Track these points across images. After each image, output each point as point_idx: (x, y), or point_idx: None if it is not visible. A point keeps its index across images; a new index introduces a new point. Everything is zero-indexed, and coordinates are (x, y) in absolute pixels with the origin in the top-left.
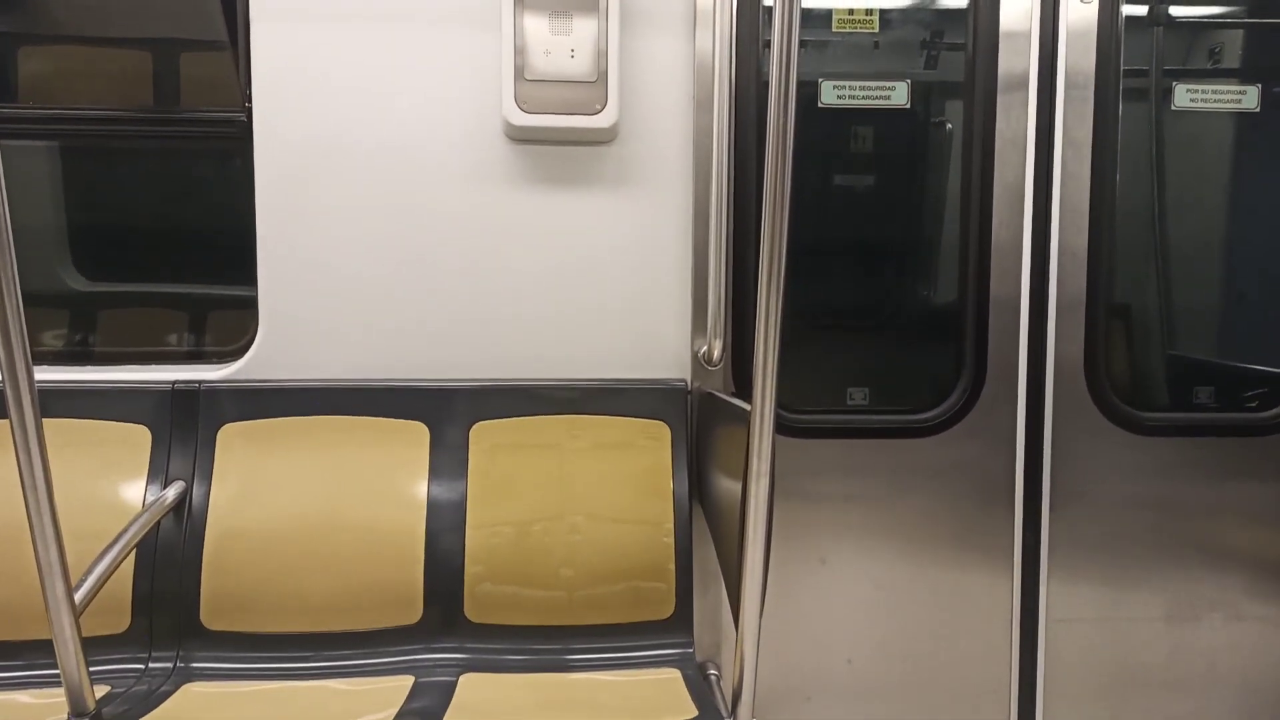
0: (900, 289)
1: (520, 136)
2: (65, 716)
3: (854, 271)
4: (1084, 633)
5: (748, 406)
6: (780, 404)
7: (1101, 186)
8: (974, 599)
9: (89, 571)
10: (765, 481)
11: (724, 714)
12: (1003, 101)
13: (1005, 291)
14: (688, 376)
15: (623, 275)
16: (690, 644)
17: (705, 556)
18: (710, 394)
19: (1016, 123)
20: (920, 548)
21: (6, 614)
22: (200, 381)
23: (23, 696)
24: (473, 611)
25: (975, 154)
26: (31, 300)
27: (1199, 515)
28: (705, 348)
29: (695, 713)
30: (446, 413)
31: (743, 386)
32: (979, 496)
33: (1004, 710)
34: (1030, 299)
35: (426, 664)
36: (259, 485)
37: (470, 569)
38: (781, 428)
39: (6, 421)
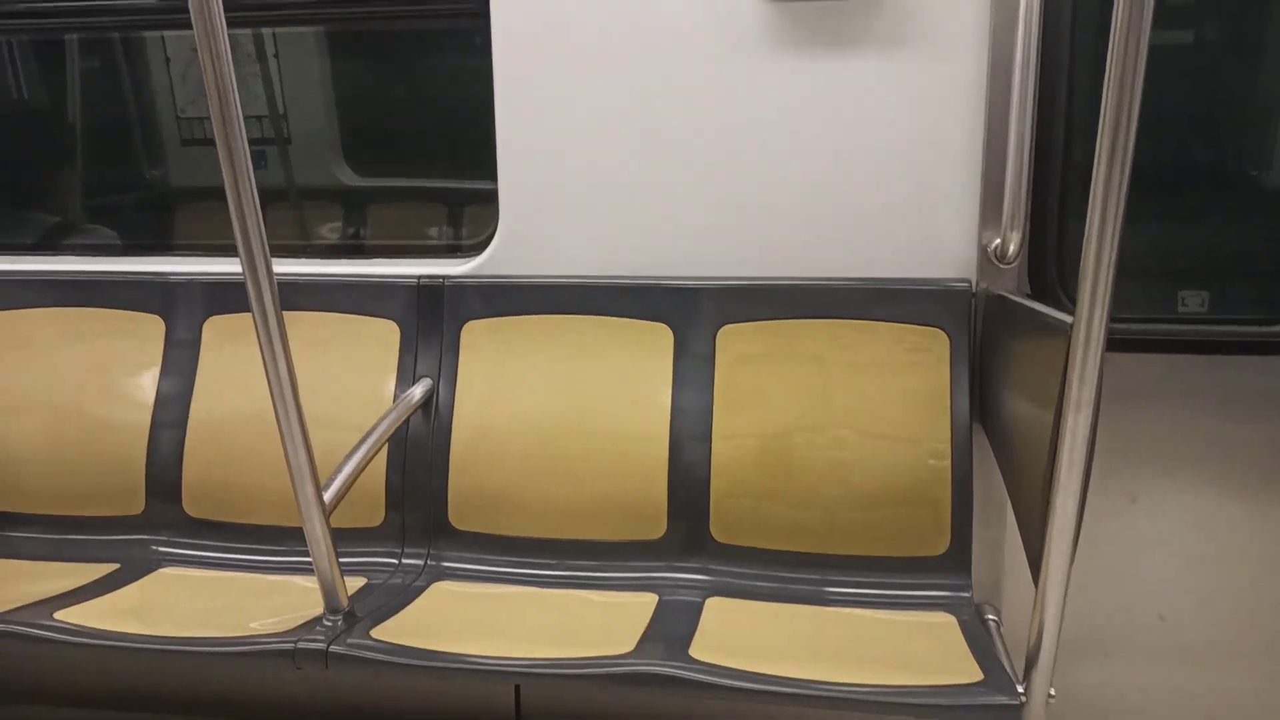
0: (1257, 159)
1: None
2: (321, 612)
3: (1192, 138)
4: None
5: (1058, 314)
6: None
7: None
8: None
9: (338, 471)
10: (1087, 413)
11: (1013, 678)
12: None
13: None
14: (972, 276)
15: (896, 155)
16: (967, 587)
17: (983, 483)
18: (1002, 296)
19: None
20: (1258, 486)
21: (274, 502)
22: (445, 277)
23: (300, 580)
24: (719, 531)
25: None
26: (312, 195)
27: None
28: (998, 240)
29: (980, 675)
30: (692, 314)
31: (1042, 289)
32: None
33: None
34: None
35: (670, 583)
36: (502, 386)
37: (716, 483)
38: None
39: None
